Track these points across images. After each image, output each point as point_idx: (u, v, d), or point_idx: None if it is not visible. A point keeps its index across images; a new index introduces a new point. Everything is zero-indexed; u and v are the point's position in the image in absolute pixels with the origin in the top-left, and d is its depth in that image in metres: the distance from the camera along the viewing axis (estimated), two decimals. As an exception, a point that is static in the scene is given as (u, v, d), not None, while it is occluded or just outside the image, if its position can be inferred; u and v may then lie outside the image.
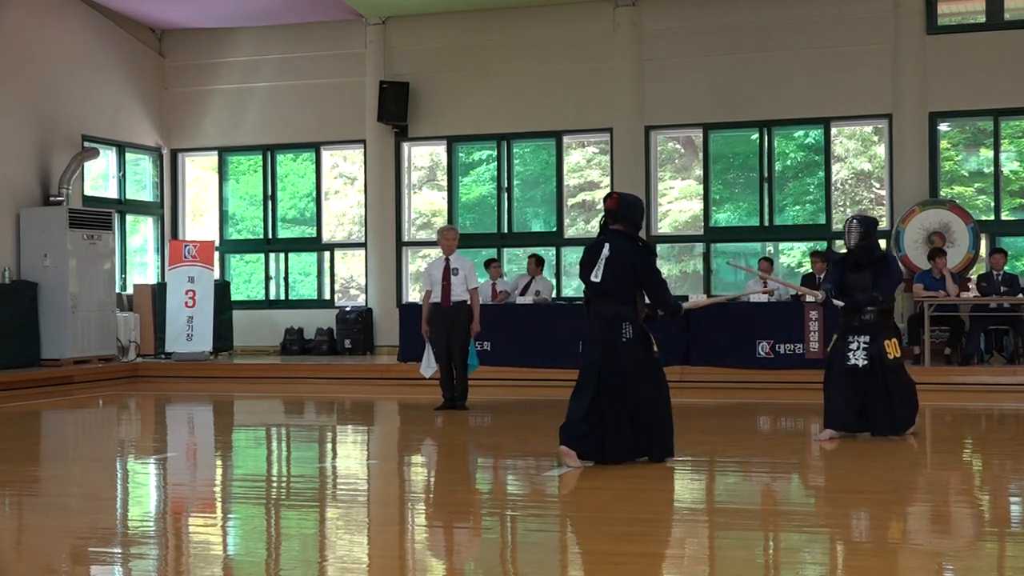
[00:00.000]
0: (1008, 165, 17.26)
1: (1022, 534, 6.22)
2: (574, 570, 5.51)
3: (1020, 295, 14.43)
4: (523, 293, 15.96)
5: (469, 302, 11.73)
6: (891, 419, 9.18)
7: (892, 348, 9.15)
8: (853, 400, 9.15)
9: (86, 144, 18.21)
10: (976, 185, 17.44)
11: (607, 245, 7.99)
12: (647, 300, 8.13)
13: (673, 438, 8.11)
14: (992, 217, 16.77)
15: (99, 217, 17.32)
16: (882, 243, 16.47)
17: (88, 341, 16.85)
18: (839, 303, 9.18)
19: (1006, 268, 14.88)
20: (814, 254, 15.82)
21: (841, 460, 8.41)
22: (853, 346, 9.12)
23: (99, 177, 19.14)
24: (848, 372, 9.12)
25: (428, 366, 11.84)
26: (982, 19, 16.92)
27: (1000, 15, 16.78)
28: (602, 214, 8.22)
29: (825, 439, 9.11)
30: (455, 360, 11.76)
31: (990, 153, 16.99)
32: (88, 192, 18.52)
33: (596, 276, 7.99)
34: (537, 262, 16.32)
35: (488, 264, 16.83)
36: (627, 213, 8.07)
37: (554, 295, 17.52)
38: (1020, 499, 7.23)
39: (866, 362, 9.08)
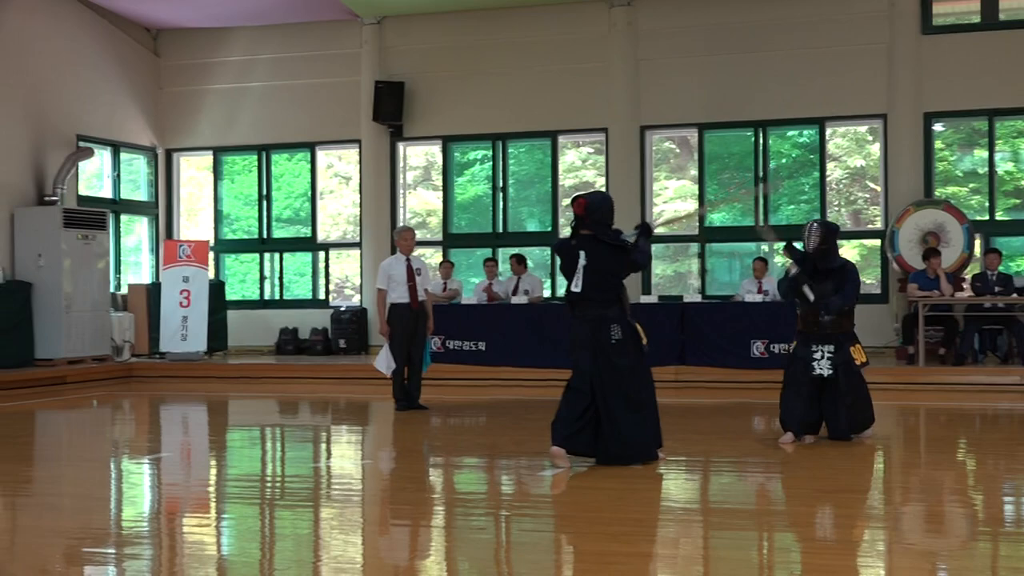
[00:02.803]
0: (1002, 165, 17.28)
1: (1016, 534, 6.23)
2: (568, 570, 5.51)
3: (1014, 295, 14.44)
4: (513, 293, 15.98)
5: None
6: (850, 424, 9.12)
7: (858, 354, 9.12)
8: (812, 405, 9.07)
9: (81, 144, 18.19)
10: (971, 185, 17.46)
11: (582, 253, 7.95)
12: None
13: (660, 436, 8.15)
14: (986, 217, 16.79)
15: (94, 217, 17.30)
16: (874, 243, 16.48)
17: (82, 341, 16.83)
18: (809, 294, 9.03)
19: (1000, 268, 14.89)
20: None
21: (833, 460, 8.41)
22: (817, 355, 9.03)
23: (94, 177, 19.12)
24: (812, 381, 9.04)
25: (389, 365, 11.80)
26: (977, 19, 16.94)
27: (995, 15, 16.81)
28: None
29: (789, 442, 9.01)
30: (414, 360, 11.75)
31: (984, 153, 17.01)
32: (83, 192, 18.50)
33: (577, 286, 7.96)
34: (519, 260, 16.36)
35: (485, 264, 16.86)
36: (596, 216, 7.99)
37: (547, 293, 17.58)
38: (1014, 499, 7.24)
39: (831, 372, 9.01)
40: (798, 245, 9.23)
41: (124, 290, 18.95)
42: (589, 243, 7.97)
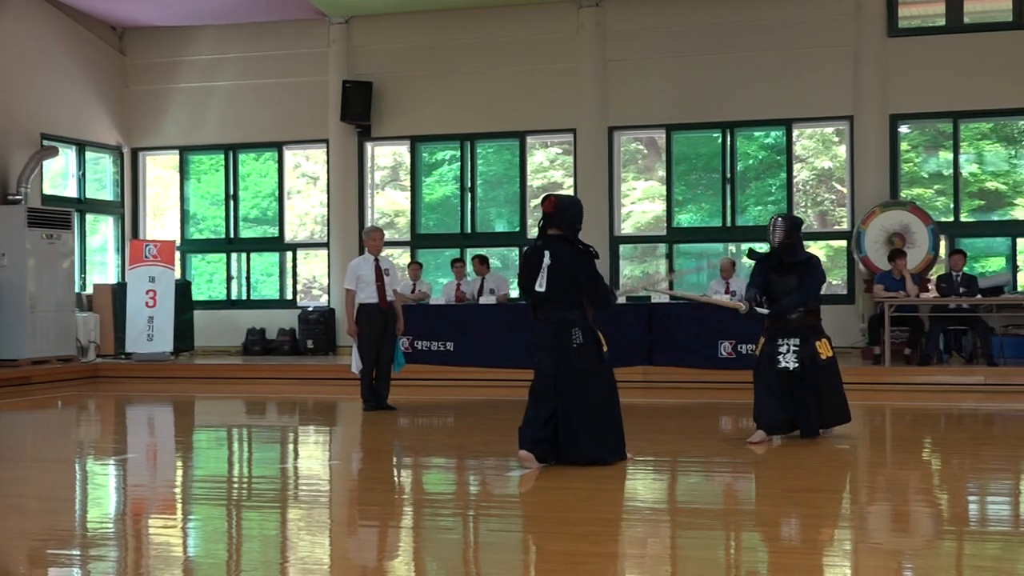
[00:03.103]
0: (967, 167, 17.42)
1: (980, 533, 6.27)
2: (535, 570, 5.50)
3: (978, 296, 14.56)
4: (479, 294, 15.98)
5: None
6: (819, 419, 9.17)
7: (824, 348, 9.11)
8: (784, 403, 9.08)
9: (45, 142, 18.05)
10: (936, 187, 17.59)
11: (547, 253, 7.93)
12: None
13: (624, 439, 8.12)
14: (951, 219, 16.92)
15: (58, 216, 17.15)
16: (841, 244, 16.59)
17: (47, 341, 16.68)
18: (764, 311, 9.12)
19: (965, 269, 15.01)
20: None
21: (801, 460, 8.46)
22: (783, 349, 9.05)
23: (58, 176, 18.97)
24: (778, 375, 9.07)
25: (357, 365, 11.78)
26: (942, 22, 17.09)
27: (960, 18, 16.95)
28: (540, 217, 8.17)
29: (757, 441, 9.02)
30: (382, 360, 11.73)
31: (949, 155, 17.15)
32: (47, 191, 18.36)
33: (540, 286, 7.92)
34: (481, 261, 16.36)
35: (452, 264, 16.85)
36: (565, 217, 7.98)
37: (515, 293, 17.59)
38: (979, 498, 7.29)
39: (797, 365, 9.01)
40: (757, 247, 9.24)
41: (89, 290, 18.82)
42: (555, 243, 7.96)
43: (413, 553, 5.91)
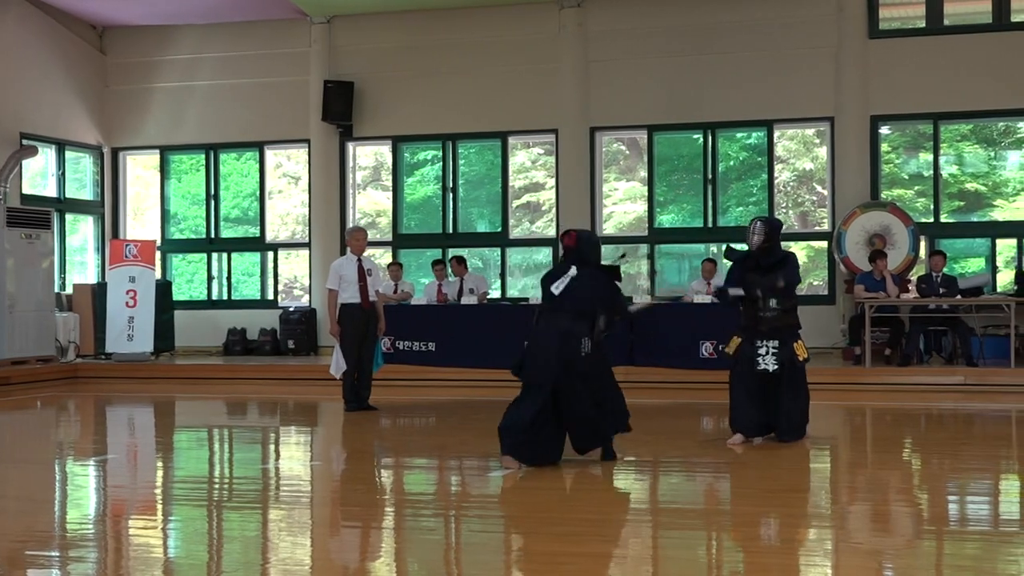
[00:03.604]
0: (947, 168, 17.50)
1: (960, 532, 6.30)
2: (518, 571, 5.50)
3: (958, 297, 14.62)
4: (460, 294, 15.96)
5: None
6: (800, 420, 9.10)
7: (800, 350, 9.03)
8: (761, 405, 9.02)
9: (24, 142, 17.97)
10: (916, 188, 17.67)
11: (573, 267, 8.06)
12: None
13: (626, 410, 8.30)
14: (931, 220, 16.99)
15: (38, 216, 17.07)
16: (821, 245, 16.62)
17: (26, 341, 16.59)
18: (737, 292, 8.99)
19: (945, 270, 15.07)
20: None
21: (782, 460, 8.47)
22: (762, 351, 8.94)
23: (38, 175, 18.88)
24: (758, 377, 8.97)
25: (339, 367, 11.74)
26: (922, 24, 17.15)
27: (940, 20, 17.03)
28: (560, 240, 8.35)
29: (738, 443, 8.98)
30: (364, 360, 11.70)
31: (929, 156, 17.22)
32: (26, 191, 18.27)
33: (557, 289, 8.00)
34: (459, 261, 16.35)
35: (434, 265, 16.83)
36: (585, 250, 8.17)
37: (496, 294, 17.61)
38: (958, 498, 7.32)
39: (777, 367, 8.93)
40: (735, 246, 9.19)
41: (69, 290, 18.73)
42: (581, 265, 8.10)
43: (395, 554, 5.89)
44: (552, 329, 7.92)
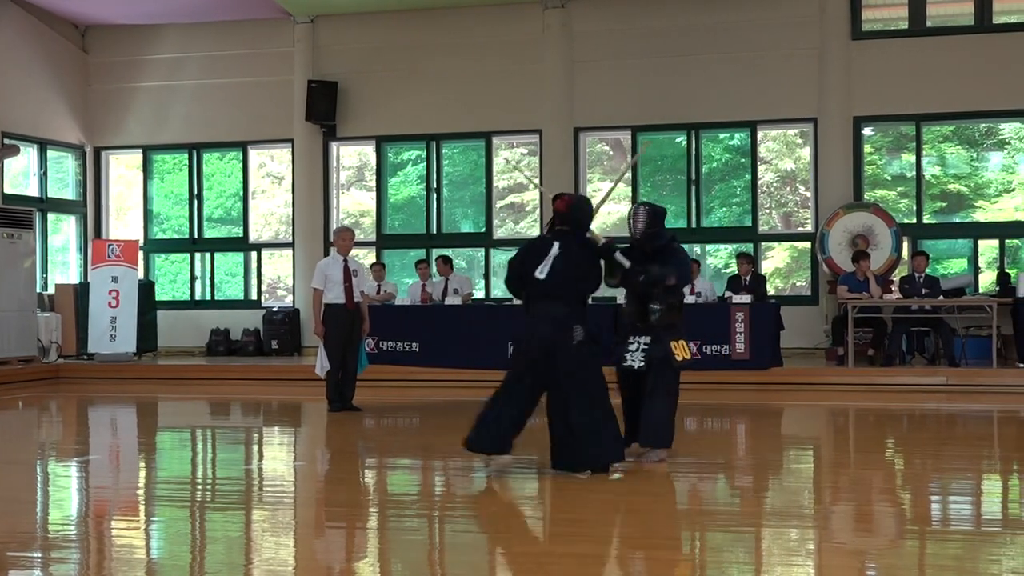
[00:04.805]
0: (929, 169, 17.57)
1: (943, 532, 6.32)
2: (503, 571, 5.50)
3: (941, 297, 14.68)
4: (444, 294, 15.95)
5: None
6: (651, 422, 8.24)
7: (681, 350, 8.34)
8: (630, 406, 8.38)
9: (6, 141, 17.89)
10: (899, 189, 17.73)
11: (556, 244, 7.73)
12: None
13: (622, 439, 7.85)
14: (914, 220, 17.06)
15: (19, 215, 17.00)
16: (805, 245, 16.64)
17: (8, 342, 16.53)
18: (625, 262, 8.09)
19: (927, 271, 15.13)
20: (740, 255, 15.98)
21: (764, 460, 8.48)
22: (632, 347, 8.28)
23: (19, 175, 18.80)
24: (624, 376, 8.36)
25: (323, 366, 11.72)
26: (905, 26, 17.22)
27: (922, 22, 17.10)
28: (551, 216, 7.99)
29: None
30: (348, 361, 11.68)
31: (912, 157, 17.28)
32: (8, 190, 18.19)
33: (542, 273, 7.65)
34: (445, 261, 16.32)
35: (417, 265, 16.80)
36: (577, 215, 7.90)
37: (480, 294, 17.60)
38: (941, 498, 7.35)
39: (642, 364, 8.22)
40: (623, 260, 8.35)
41: (51, 290, 18.66)
42: (565, 237, 7.79)
43: (379, 554, 5.88)
44: (544, 317, 7.64)
